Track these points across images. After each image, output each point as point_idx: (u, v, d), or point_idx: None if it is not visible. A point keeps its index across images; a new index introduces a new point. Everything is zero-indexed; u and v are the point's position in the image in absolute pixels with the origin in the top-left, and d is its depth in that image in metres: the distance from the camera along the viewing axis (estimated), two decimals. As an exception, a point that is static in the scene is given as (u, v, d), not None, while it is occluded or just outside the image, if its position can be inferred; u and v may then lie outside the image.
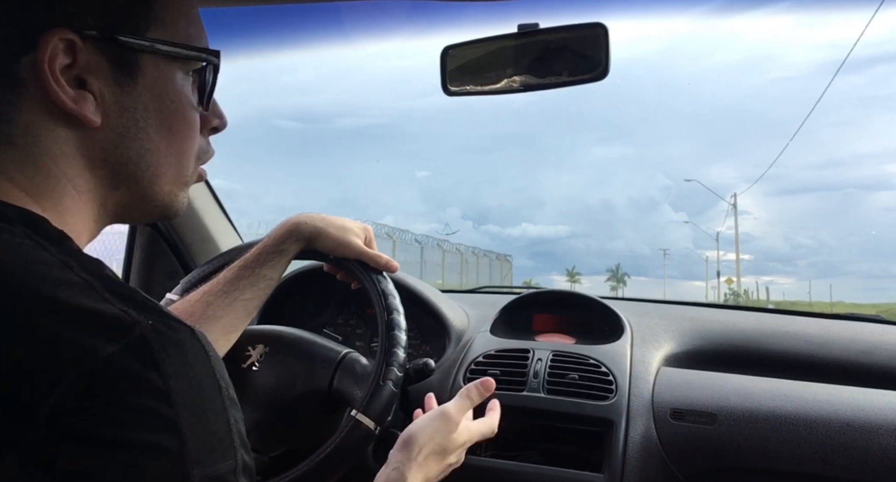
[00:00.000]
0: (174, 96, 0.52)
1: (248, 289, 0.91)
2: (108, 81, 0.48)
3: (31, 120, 0.46)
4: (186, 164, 0.55)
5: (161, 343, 0.37)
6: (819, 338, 1.29)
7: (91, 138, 0.48)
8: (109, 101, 0.48)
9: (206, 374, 0.40)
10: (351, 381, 0.92)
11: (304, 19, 1.14)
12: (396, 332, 0.90)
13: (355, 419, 0.82)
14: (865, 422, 1.03)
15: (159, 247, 1.48)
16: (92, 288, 0.39)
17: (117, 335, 0.36)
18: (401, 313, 0.93)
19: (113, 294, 0.39)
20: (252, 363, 0.94)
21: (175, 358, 0.37)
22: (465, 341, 1.30)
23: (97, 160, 0.49)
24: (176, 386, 0.36)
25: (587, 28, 0.87)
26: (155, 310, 0.40)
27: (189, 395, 0.37)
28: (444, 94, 0.94)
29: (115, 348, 0.35)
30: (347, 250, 0.96)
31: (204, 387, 0.39)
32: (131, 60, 0.48)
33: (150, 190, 0.52)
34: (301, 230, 0.95)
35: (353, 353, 0.98)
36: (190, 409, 0.37)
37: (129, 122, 0.49)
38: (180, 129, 0.53)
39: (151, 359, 0.36)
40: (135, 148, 0.50)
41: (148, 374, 0.36)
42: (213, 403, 0.39)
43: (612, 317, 1.35)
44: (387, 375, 0.85)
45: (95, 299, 0.38)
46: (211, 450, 0.37)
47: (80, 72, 0.46)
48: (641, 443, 1.08)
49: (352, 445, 0.82)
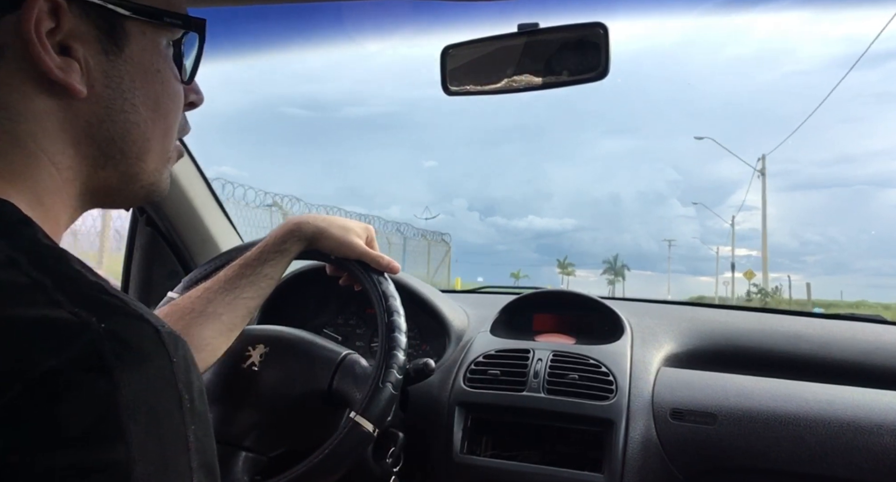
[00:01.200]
0: (160, 66, 0.49)
1: (248, 288, 0.91)
2: (93, 49, 0.44)
3: (10, 90, 0.42)
4: (171, 139, 0.52)
5: (113, 348, 0.33)
6: (819, 338, 1.29)
7: (75, 111, 0.44)
8: (95, 71, 0.44)
9: (164, 383, 0.35)
10: (351, 382, 0.92)
11: (304, 19, 1.14)
12: (396, 334, 0.90)
13: (354, 421, 0.82)
14: (865, 422, 1.03)
15: (159, 247, 1.48)
16: (39, 289, 0.34)
17: (62, 344, 0.32)
18: (401, 315, 0.93)
19: (65, 294, 0.34)
20: (252, 363, 0.94)
21: (129, 364, 0.33)
22: (465, 341, 1.30)
23: (82, 135, 0.45)
24: (126, 396, 0.32)
25: (587, 28, 0.87)
26: (116, 307, 0.36)
27: (141, 407, 0.33)
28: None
29: (57, 360, 0.31)
30: (349, 251, 0.97)
31: (161, 399, 0.35)
32: (117, 26, 0.45)
33: (135, 167, 0.49)
34: (303, 230, 0.95)
35: (353, 354, 0.98)
36: (140, 423, 0.33)
37: (115, 94, 0.46)
38: (166, 101, 0.50)
39: (100, 367, 0.32)
40: (121, 122, 0.47)
41: (95, 384, 0.32)
42: (169, 417, 0.35)
43: (613, 317, 1.35)
44: (386, 377, 0.86)
45: (40, 304, 0.33)
46: (162, 469, 0.34)
47: (64, 37, 0.42)
48: (641, 443, 1.08)
49: (350, 447, 0.82)
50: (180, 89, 0.52)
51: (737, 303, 20.98)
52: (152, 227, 1.47)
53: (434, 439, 1.15)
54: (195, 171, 1.46)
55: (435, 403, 1.18)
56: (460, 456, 1.12)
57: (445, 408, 1.16)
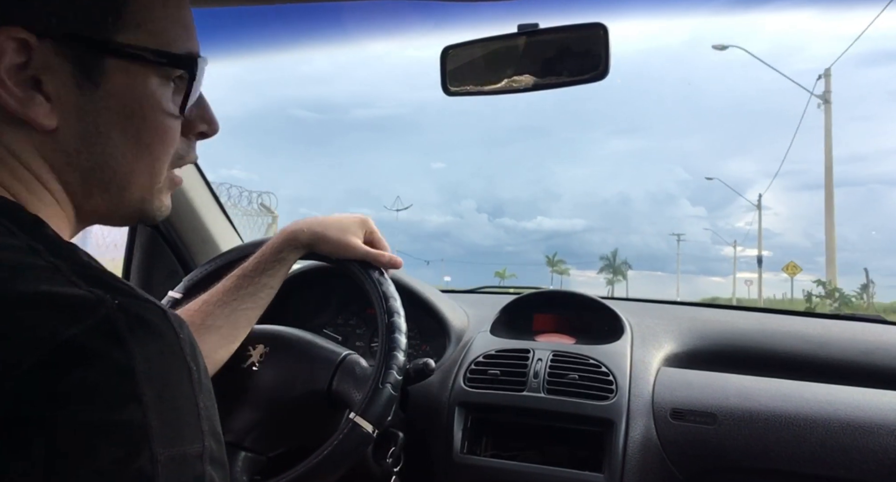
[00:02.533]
0: (144, 102, 0.49)
1: (247, 299, 0.91)
2: (67, 83, 0.45)
3: None
4: (158, 170, 0.52)
5: (127, 322, 0.36)
6: (819, 338, 1.29)
7: (50, 142, 0.46)
8: (67, 104, 0.45)
9: (174, 356, 0.38)
10: (350, 383, 0.92)
11: (303, 19, 1.14)
12: (396, 335, 0.90)
13: (354, 421, 0.83)
14: (865, 422, 1.03)
15: (159, 247, 1.48)
16: (57, 271, 0.38)
17: (80, 316, 0.35)
18: (401, 315, 0.93)
19: (80, 276, 0.38)
20: (252, 363, 0.94)
21: (141, 337, 0.36)
22: (465, 341, 1.30)
23: (62, 164, 0.47)
24: (141, 363, 0.35)
25: (587, 28, 0.87)
26: (126, 290, 0.39)
27: (155, 375, 0.36)
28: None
29: (77, 329, 0.34)
30: (348, 252, 0.96)
31: (171, 369, 0.38)
32: (94, 63, 0.45)
33: (120, 196, 0.50)
34: (298, 238, 0.95)
35: (353, 355, 0.98)
36: (155, 387, 0.36)
37: (90, 127, 0.46)
38: (149, 136, 0.50)
39: (116, 338, 0.35)
40: (97, 154, 0.47)
41: (111, 352, 0.35)
42: (180, 385, 0.38)
43: (613, 317, 1.35)
44: (386, 378, 0.86)
45: (60, 283, 0.37)
46: (175, 430, 0.36)
47: (35, 72, 0.44)
48: (641, 443, 1.08)
49: (350, 447, 0.82)
50: (171, 123, 0.52)
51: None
52: (152, 227, 1.47)
53: (434, 439, 1.15)
54: (195, 171, 1.46)
55: (435, 403, 1.18)
56: (460, 456, 1.12)
57: (445, 408, 1.16)
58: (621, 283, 58.61)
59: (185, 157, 0.56)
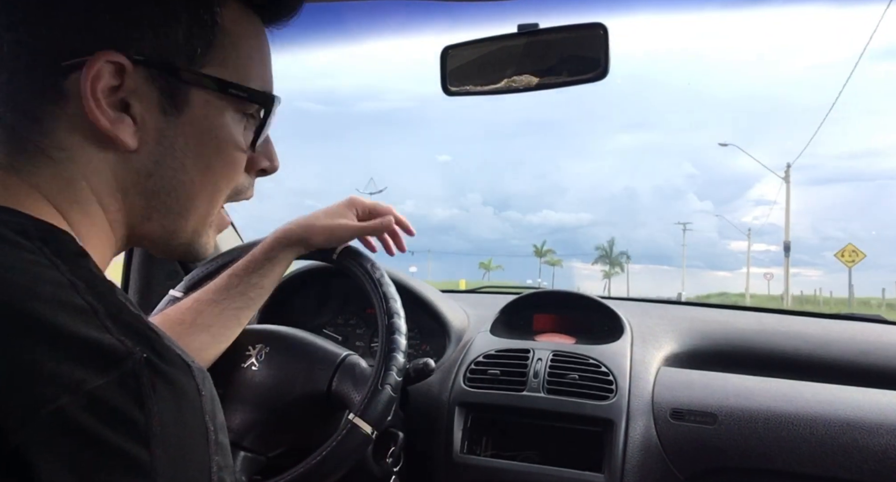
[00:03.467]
0: (219, 134, 0.51)
1: (237, 298, 0.90)
2: (152, 108, 0.47)
3: (69, 135, 0.46)
4: (216, 202, 0.54)
5: (150, 378, 0.36)
6: (819, 338, 1.29)
7: (126, 162, 0.48)
8: (150, 128, 0.47)
9: (194, 416, 0.38)
10: (350, 384, 0.92)
11: (302, 19, 1.14)
12: (396, 336, 0.90)
13: (353, 423, 0.83)
14: (865, 422, 1.03)
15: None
16: (94, 314, 0.38)
17: (108, 367, 0.35)
18: (401, 317, 0.93)
19: (114, 321, 0.38)
20: (252, 363, 0.94)
21: (162, 395, 0.36)
22: (465, 341, 1.30)
23: (130, 185, 0.48)
24: (157, 426, 0.35)
25: (587, 28, 0.87)
26: (155, 342, 0.39)
27: (171, 437, 0.36)
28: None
29: (103, 381, 0.34)
30: (344, 233, 0.96)
31: (189, 430, 0.37)
32: (180, 91, 0.48)
33: (176, 223, 0.52)
34: (289, 236, 0.95)
35: (353, 356, 0.98)
36: (169, 453, 0.35)
37: (166, 151, 0.49)
38: (219, 167, 0.52)
39: (137, 396, 0.35)
40: (168, 178, 0.49)
41: (130, 411, 0.34)
42: (196, 448, 0.37)
43: (612, 317, 1.35)
44: (386, 379, 0.86)
45: (95, 327, 0.37)
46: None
47: (125, 95, 0.46)
48: (641, 443, 1.08)
49: (348, 449, 0.82)
50: (239, 157, 0.54)
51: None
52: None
53: (434, 439, 1.15)
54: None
55: (435, 403, 1.18)
56: (460, 456, 1.12)
57: (445, 408, 1.16)
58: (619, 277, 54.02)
59: (243, 192, 0.57)
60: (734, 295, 34.35)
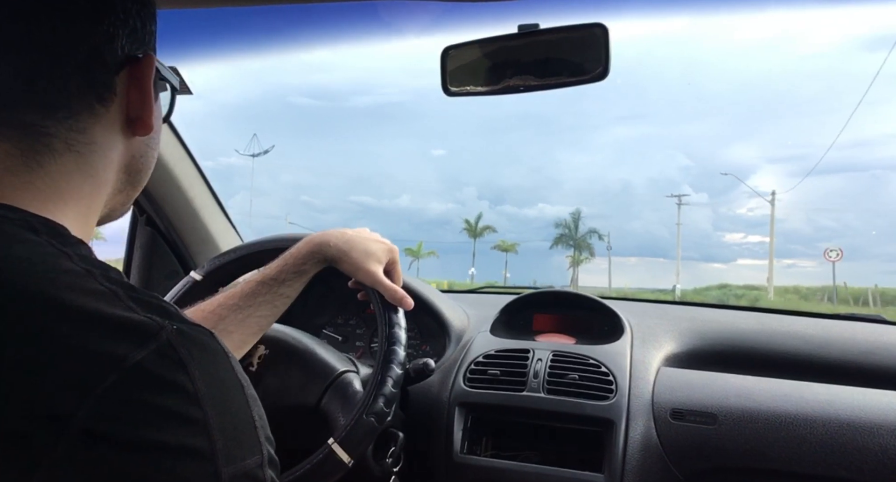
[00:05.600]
0: (161, 111, 0.57)
1: (263, 307, 0.91)
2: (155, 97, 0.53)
3: (105, 130, 0.49)
4: None
5: (186, 346, 0.38)
6: (819, 338, 1.29)
7: (129, 147, 0.52)
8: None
9: (228, 374, 0.41)
10: (338, 405, 0.91)
11: (301, 19, 1.14)
12: (392, 365, 0.88)
13: (330, 448, 0.82)
14: (865, 422, 1.03)
15: (159, 247, 1.48)
16: (116, 296, 0.40)
17: (146, 341, 0.37)
18: (402, 345, 0.91)
19: (136, 302, 0.40)
20: (249, 364, 0.94)
21: (200, 359, 0.39)
22: (466, 341, 1.30)
23: (124, 167, 0.52)
24: (203, 387, 0.38)
25: (587, 28, 0.87)
26: (176, 314, 0.41)
27: (216, 395, 0.38)
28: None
29: (145, 353, 0.36)
30: (366, 278, 0.95)
31: (228, 387, 0.40)
32: (156, 79, 0.53)
33: (133, 195, 0.56)
34: (325, 252, 0.95)
35: (349, 374, 0.97)
36: (217, 409, 0.38)
37: (153, 134, 0.53)
38: (159, 139, 0.58)
39: (179, 362, 0.37)
40: (149, 155, 0.55)
41: (177, 377, 0.37)
42: (237, 401, 0.40)
43: (612, 317, 1.35)
44: (371, 408, 0.84)
45: (121, 308, 0.39)
46: (238, 447, 0.39)
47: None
48: (641, 443, 1.08)
49: (322, 474, 0.81)
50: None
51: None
52: (152, 227, 1.47)
53: (434, 439, 1.15)
54: (195, 171, 1.46)
55: (435, 403, 1.18)
56: (460, 456, 1.12)
57: (445, 408, 1.16)
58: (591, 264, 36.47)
59: None
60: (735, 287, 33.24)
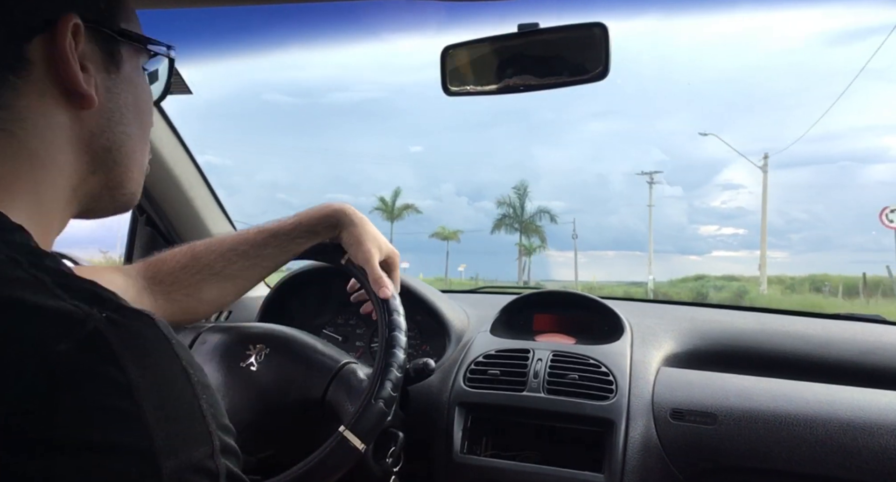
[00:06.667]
0: (143, 86, 0.55)
1: (269, 258, 0.94)
2: (99, 67, 0.49)
3: (31, 103, 0.45)
4: (147, 152, 0.57)
5: (118, 335, 0.35)
6: (819, 338, 1.29)
7: (82, 122, 0.48)
8: (100, 87, 0.49)
9: (170, 363, 0.38)
10: (344, 395, 0.92)
11: (300, 19, 1.14)
12: (395, 350, 0.90)
13: (343, 435, 0.82)
14: (865, 422, 1.03)
15: (159, 246, 1.48)
16: (40, 284, 0.37)
17: (69, 331, 0.34)
18: (402, 330, 0.92)
19: (64, 289, 0.37)
20: (251, 363, 0.94)
21: (134, 349, 0.36)
22: (466, 341, 1.30)
23: (83, 144, 0.49)
24: (137, 378, 0.35)
25: (587, 28, 0.87)
26: (111, 302, 0.38)
27: (153, 387, 0.36)
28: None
29: (68, 345, 0.34)
30: (362, 255, 0.97)
31: (168, 377, 0.37)
32: (115, 49, 0.50)
33: (123, 176, 0.53)
34: (339, 217, 0.97)
35: (351, 365, 0.97)
36: (155, 401, 0.35)
37: (114, 107, 0.51)
38: (147, 118, 0.55)
39: (108, 353, 0.34)
40: (118, 133, 0.51)
41: (106, 369, 0.34)
42: (180, 391, 0.38)
43: (612, 317, 1.35)
44: (379, 394, 0.85)
45: (44, 295, 0.36)
46: (182, 439, 0.36)
47: (80, 56, 0.47)
48: (641, 443, 1.08)
49: (336, 461, 0.82)
50: (152, 108, 0.57)
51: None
52: (152, 227, 1.47)
53: (434, 439, 1.15)
54: (195, 171, 1.46)
55: (435, 403, 1.18)
56: (460, 456, 1.12)
57: (445, 408, 1.16)
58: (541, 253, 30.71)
59: None
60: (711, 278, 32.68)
